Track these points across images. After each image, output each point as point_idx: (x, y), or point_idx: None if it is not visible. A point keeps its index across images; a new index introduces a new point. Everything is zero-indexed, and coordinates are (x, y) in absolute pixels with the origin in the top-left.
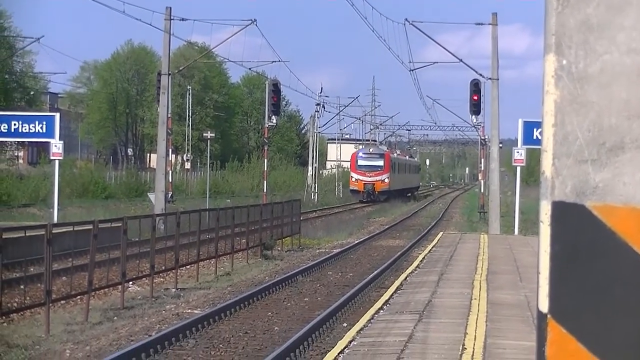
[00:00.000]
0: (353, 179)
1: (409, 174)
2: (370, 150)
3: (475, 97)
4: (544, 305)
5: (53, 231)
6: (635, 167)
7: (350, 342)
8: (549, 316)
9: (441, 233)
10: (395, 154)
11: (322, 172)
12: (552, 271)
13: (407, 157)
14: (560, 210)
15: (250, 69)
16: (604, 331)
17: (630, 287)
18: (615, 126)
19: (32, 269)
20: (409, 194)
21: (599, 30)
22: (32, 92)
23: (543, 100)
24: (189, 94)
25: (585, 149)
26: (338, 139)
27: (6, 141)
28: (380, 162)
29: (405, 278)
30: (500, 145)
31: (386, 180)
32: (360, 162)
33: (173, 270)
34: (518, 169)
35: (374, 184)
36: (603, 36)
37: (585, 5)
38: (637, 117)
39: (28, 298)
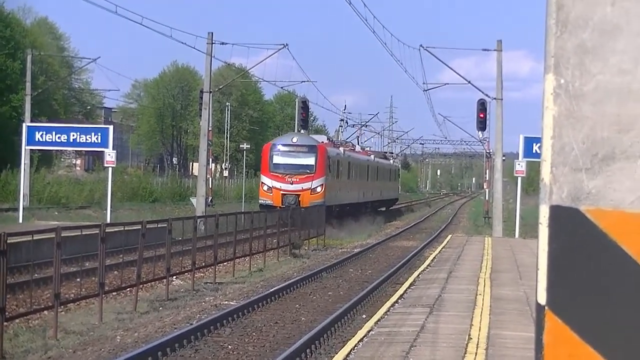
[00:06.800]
0: (264, 187)
1: (372, 180)
2: (294, 139)
3: (482, 115)
4: (542, 298)
5: (106, 230)
6: (624, 176)
7: (369, 331)
8: (546, 308)
9: (450, 235)
10: (341, 149)
11: None
12: (549, 268)
13: (373, 157)
14: (557, 213)
15: (282, 87)
16: (595, 321)
17: (619, 282)
18: (607, 139)
19: (87, 264)
20: (384, 208)
21: (593, 53)
22: (88, 107)
23: (543, 115)
24: (228, 110)
25: (580, 158)
26: None
27: (65, 150)
28: (310, 160)
29: (418, 275)
30: (504, 158)
31: (319, 190)
32: (278, 159)
33: (212, 266)
34: (519, 179)
35: (298, 194)
36: (597, 58)
37: (581, 30)
38: (626, 131)
39: (83, 290)
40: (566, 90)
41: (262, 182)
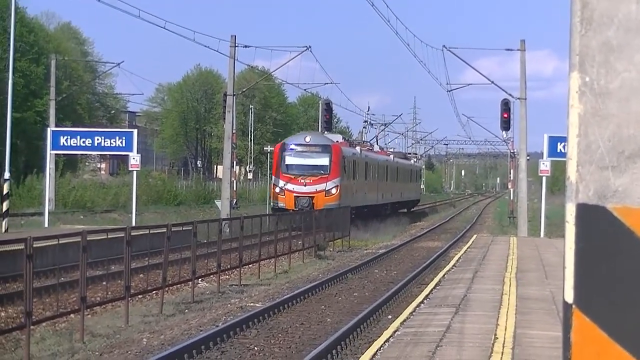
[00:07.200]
0: (277, 189)
1: (391, 181)
2: (307, 139)
3: (506, 115)
4: (569, 297)
5: (132, 233)
6: None
7: (394, 332)
8: (573, 306)
9: (475, 235)
10: (357, 148)
11: None
12: (576, 266)
13: (393, 157)
14: (584, 211)
15: (305, 90)
16: (623, 320)
17: None
18: (633, 136)
19: (113, 267)
20: (405, 210)
21: (619, 51)
22: (112, 111)
23: (568, 113)
24: (251, 112)
25: (606, 156)
26: None
27: (90, 154)
28: (324, 160)
29: (444, 275)
30: (528, 157)
31: (333, 191)
32: (290, 160)
33: (237, 269)
34: (544, 178)
35: (312, 196)
36: (622, 56)
37: (606, 28)
38: None
39: (109, 293)
40: (591, 88)
41: (274, 184)
